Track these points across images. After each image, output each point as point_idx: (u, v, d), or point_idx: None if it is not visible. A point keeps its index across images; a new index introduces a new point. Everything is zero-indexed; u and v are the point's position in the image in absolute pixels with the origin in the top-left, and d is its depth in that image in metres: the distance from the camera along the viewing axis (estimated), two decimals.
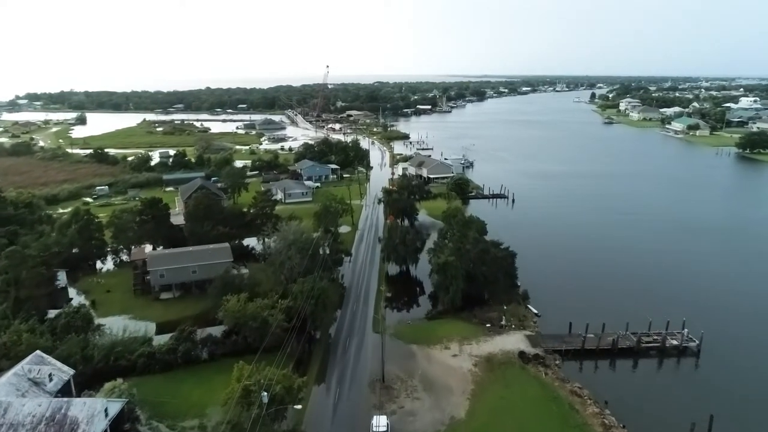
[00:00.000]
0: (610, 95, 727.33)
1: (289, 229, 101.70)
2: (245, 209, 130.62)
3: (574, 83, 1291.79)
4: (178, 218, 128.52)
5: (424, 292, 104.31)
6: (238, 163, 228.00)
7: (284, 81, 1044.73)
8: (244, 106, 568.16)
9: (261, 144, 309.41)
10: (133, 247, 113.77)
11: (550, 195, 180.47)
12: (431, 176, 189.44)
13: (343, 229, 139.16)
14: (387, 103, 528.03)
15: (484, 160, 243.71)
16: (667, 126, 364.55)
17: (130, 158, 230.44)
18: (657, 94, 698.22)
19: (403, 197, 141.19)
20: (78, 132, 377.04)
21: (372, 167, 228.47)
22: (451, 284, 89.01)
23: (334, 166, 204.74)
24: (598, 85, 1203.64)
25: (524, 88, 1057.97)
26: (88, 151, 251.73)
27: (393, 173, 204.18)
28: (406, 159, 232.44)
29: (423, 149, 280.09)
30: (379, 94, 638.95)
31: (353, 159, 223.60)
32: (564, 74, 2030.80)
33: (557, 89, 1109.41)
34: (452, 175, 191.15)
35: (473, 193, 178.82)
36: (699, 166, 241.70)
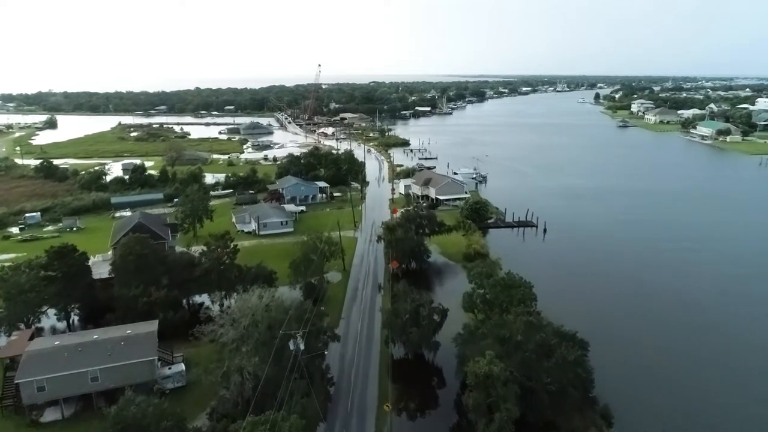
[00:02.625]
0: (617, 96, 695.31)
1: (245, 304, 68.11)
2: (199, 253, 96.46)
3: (574, 83, 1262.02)
4: (106, 267, 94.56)
5: (444, 385, 71.18)
6: (210, 178, 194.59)
7: (278, 81, 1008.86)
8: (232, 107, 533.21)
9: (243, 152, 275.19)
10: (22, 324, 79.51)
11: (589, 222, 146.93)
12: (440, 197, 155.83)
13: (332, 275, 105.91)
14: (384, 105, 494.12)
15: (498, 172, 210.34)
16: (691, 131, 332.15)
17: (84, 172, 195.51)
18: (664, 95, 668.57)
19: (410, 234, 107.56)
20: (44, 137, 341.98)
21: (368, 182, 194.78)
22: (497, 407, 55.48)
23: (322, 184, 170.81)
24: (599, 85, 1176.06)
25: (524, 88, 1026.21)
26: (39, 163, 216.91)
27: (393, 192, 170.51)
28: (408, 173, 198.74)
29: (426, 159, 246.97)
30: (375, 94, 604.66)
31: (346, 173, 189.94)
32: (562, 74, 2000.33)
33: (558, 89, 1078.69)
34: (466, 196, 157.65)
35: (492, 219, 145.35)
36: (752, 180, 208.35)
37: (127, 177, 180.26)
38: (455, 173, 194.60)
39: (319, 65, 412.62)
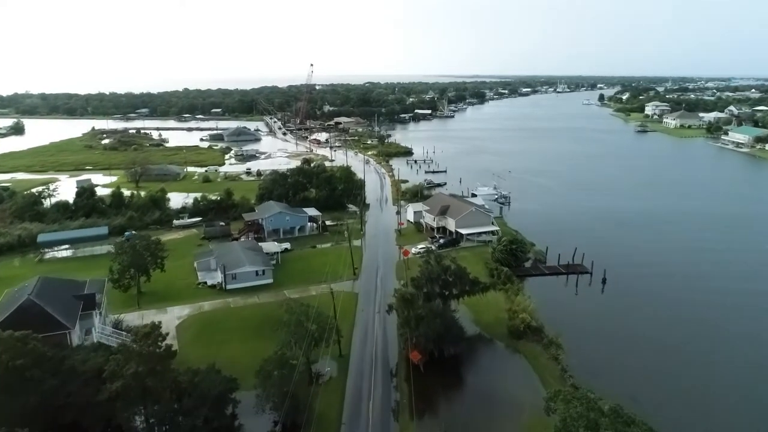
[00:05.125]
0: (624, 97, 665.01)
1: None
2: (111, 358, 62.94)
3: (574, 84, 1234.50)
4: None
5: None
6: (178, 199, 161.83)
7: (271, 81, 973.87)
8: (219, 110, 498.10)
9: (224, 163, 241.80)
10: None
11: (661, 263, 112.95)
12: (462, 231, 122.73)
13: (324, 364, 72.96)
14: (381, 107, 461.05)
15: (521, 190, 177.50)
16: (723, 137, 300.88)
17: (21, 193, 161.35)
18: (671, 96, 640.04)
19: (435, 306, 74.76)
20: (6, 145, 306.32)
21: (368, 205, 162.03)
22: None
23: (313, 212, 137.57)
24: (599, 85, 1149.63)
25: (524, 89, 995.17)
26: None
27: (401, 223, 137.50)
28: (416, 193, 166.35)
29: (433, 172, 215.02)
30: (371, 96, 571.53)
31: (342, 194, 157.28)
32: (559, 74, 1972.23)
33: (558, 90, 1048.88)
34: (494, 229, 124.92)
35: (529, 262, 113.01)
36: None
37: (73, 202, 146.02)
38: (473, 194, 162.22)
39: (312, 65, 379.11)
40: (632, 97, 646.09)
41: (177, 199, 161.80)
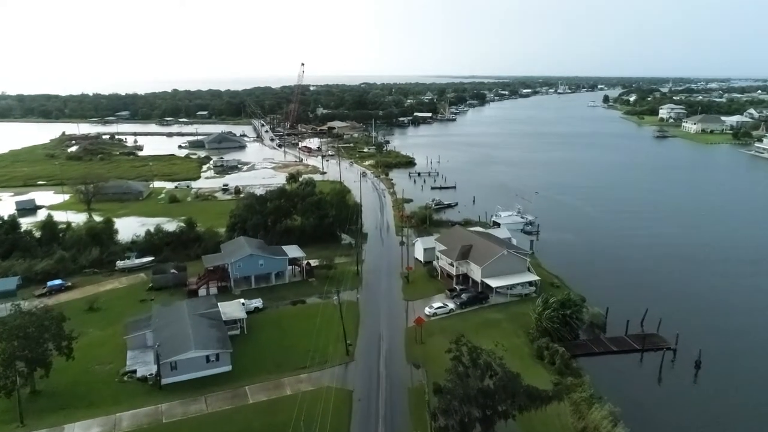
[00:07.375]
0: (631, 98, 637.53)
1: None
2: None
3: (574, 84, 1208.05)
4: None
5: None
6: (133, 226, 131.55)
7: (264, 82, 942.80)
8: (205, 113, 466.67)
9: (199, 177, 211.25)
10: None
11: None
12: (490, 282, 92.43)
13: None
14: (378, 110, 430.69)
15: (548, 213, 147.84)
16: (756, 144, 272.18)
17: None
18: (678, 97, 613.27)
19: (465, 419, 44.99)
20: None
21: (366, 234, 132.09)
22: None
23: (295, 252, 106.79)
24: (599, 86, 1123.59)
25: (524, 90, 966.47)
26: None
27: (408, 267, 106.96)
28: (424, 219, 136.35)
29: (440, 188, 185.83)
30: (367, 97, 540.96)
31: (333, 222, 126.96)
32: (556, 75, 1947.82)
33: (559, 91, 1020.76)
34: (533, 279, 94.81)
35: (583, 331, 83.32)
36: None
37: None
38: (495, 222, 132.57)
39: (303, 64, 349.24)
40: (640, 98, 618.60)
41: (132, 227, 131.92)
